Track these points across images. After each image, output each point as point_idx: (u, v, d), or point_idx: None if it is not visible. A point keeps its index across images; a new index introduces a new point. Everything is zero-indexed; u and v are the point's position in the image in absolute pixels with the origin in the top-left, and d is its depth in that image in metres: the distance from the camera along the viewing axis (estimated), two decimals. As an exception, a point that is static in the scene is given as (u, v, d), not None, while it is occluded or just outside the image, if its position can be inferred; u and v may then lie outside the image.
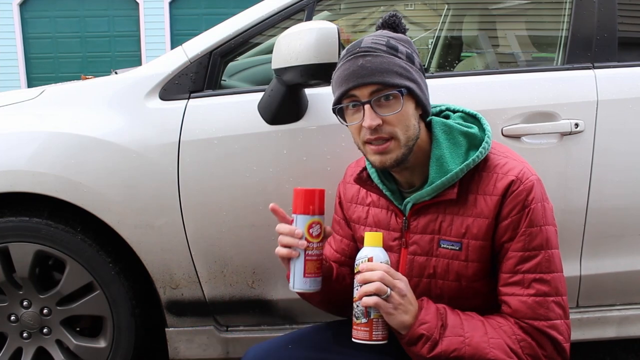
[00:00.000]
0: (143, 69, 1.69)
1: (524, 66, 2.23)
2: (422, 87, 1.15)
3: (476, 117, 1.21)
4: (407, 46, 1.15)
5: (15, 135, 1.60)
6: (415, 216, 1.18)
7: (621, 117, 1.60)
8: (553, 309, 1.09)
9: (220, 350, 1.73)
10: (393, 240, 1.21)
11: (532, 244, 1.09)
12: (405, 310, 1.07)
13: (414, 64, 1.14)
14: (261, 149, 1.55)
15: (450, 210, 1.15)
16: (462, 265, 1.15)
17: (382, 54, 1.10)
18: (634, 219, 1.65)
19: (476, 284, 1.16)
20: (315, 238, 1.15)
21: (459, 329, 1.08)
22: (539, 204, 1.10)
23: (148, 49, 10.34)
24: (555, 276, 1.10)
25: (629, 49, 1.69)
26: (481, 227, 1.12)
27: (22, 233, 1.60)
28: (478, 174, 1.14)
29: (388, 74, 1.09)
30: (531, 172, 1.13)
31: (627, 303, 1.77)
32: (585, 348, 2.14)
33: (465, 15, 2.68)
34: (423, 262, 1.18)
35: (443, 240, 1.15)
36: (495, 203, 1.11)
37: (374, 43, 1.12)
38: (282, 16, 1.63)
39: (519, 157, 1.18)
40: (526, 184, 1.10)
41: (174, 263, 1.63)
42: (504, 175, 1.11)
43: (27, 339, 1.71)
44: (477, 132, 1.16)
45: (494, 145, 1.18)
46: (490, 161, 1.15)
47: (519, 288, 1.10)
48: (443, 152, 1.14)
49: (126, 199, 1.56)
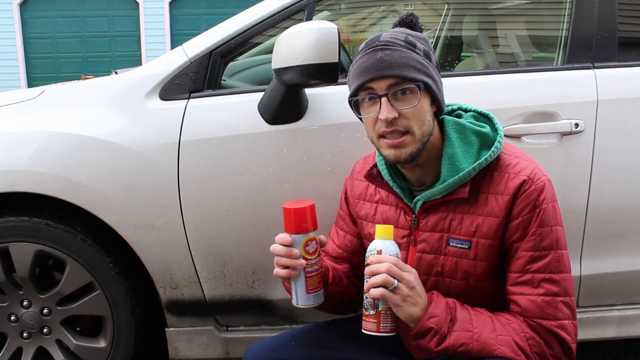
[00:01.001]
0: (143, 69, 1.69)
1: (524, 66, 2.23)
2: (438, 84, 1.17)
3: (488, 116, 1.22)
4: (424, 44, 1.16)
5: (15, 135, 1.60)
6: (425, 214, 1.19)
7: (621, 117, 1.59)
8: (562, 309, 1.10)
9: (220, 350, 1.74)
10: (402, 238, 1.21)
11: (542, 244, 1.10)
12: (414, 303, 1.07)
13: (431, 61, 1.15)
14: (261, 149, 1.55)
15: (460, 208, 1.15)
16: (470, 264, 1.15)
17: (401, 49, 1.12)
18: (634, 219, 1.65)
19: (483, 282, 1.17)
20: (312, 255, 1.14)
21: (467, 324, 1.08)
22: (549, 204, 1.11)
23: (148, 49, 10.34)
24: (565, 276, 1.11)
25: (629, 49, 1.69)
26: (491, 226, 1.13)
27: (22, 233, 1.60)
28: (489, 173, 1.15)
29: (407, 68, 1.11)
30: (542, 173, 1.14)
31: (627, 303, 1.77)
32: (586, 348, 2.14)
33: (465, 15, 2.68)
34: (431, 260, 1.18)
35: (452, 239, 1.16)
36: (506, 202, 1.12)
37: (393, 38, 1.13)
38: (282, 16, 1.63)
39: (530, 157, 1.19)
40: (538, 184, 1.11)
41: (174, 263, 1.63)
42: (516, 175, 1.12)
43: (27, 339, 1.71)
44: (489, 132, 1.17)
45: (505, 145, 1.19)
46: (502, 161, 1.15)
47: (528, 287, 1.11)
48: (455, 150, 1.15)
49: (126, 199, 1.56)
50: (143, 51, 10.43)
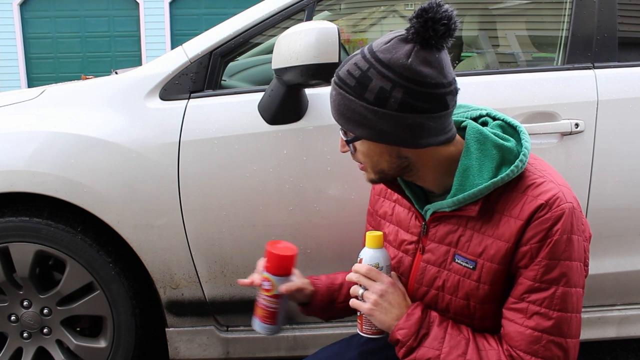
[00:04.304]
0: (143, 69, 1.69)
1: (524, 66, 2.23)
2: (390, 132, 1.01)
3: (517, 128, 1.09)
4: (393, 76, 0.97)
5: (15, 135, 1.60)
6: (435, 223, 1.12)
7: (621, 117, 1.59)
8: (550, 348, 1.00)
9: (221, 350, 1.74)
10: (410, 244, 1.17)
11: (545, 277, 1.00)
12: (385, 312, 1.08)
13: (385, 104, 0.98)
14: (261, 149, 1.55)
15: (471, 225, 1.07)
16: (473, 285, 1.07)
17: (346, 92, 1.01)
18: (634, 219, 1.65)
19: (486, 306, 1.09)
20: (265, 291, 1.22)
21: (438, 343, 1.06)
22: (564, 235, 0.99)
23: (148, 49, 10.35)
24: (564, 316, 1.00)
25: (629, 49, 1.69)
26: (499, 250, 1.03)
27: (22, 233, 1.60)
28: (509, 192, 1.03)
29: (342, 118, 1.04)
30: (566, 199, 1.00)
31: (627, 303, 1.77)
32: (586, 348, 2.14)
33: (465, 15, 2.68)
34: (434, 273, 1.12)
35: (458, 255, 1.08)
36: (518, 227, 1.01)
37: (348, 73, 1.01)
38: (282, 16, 1.63)
39: (560, 177, 1.06)
40: (555, 212, 0.99)
41: (174, 263, 1.63)
42: (534, 198, 1.00)
43: (27, 339, 1.71)
44: (514, 147, 1.05)
45: (533, 162, 1.07)
46: (525, 180, 1.03)
47: (520, 316, 1.02)
48: (472, 163, 1.04)
49: (126, 199, 1.56)
50: (143, 51, 10.43)
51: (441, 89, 0.99)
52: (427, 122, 1.00)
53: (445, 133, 1.04)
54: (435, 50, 0.98)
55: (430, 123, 1.01)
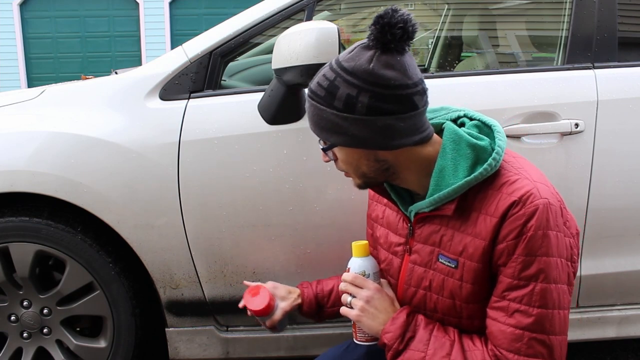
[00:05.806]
0: (143, 69, 1.69)
1: (524, 66, 2.23)
2: (363, 137, 1.03)
3: (491, 127, 1.10)
4: (357, 82, 1.00)
5: (15, 135, 1.60)
6: (420, 224, 1.13)
7: (621, 117, 1.59)
8: (532, 346, 1.00)
9: (221, 350, 1.74)
10: (398, 245, 1.19)
11: (522, 273, 1.00)
12: (372, 317, 1.12)
13: (354, 110, 1.01)
14: (261, 149, 1.55)
15: (452, 224, 1.08)
16: (456, 284, 1.08)
17: (317, 104, 1.05)
18: (634, 219, 1.65)
19: (472, 305, 1.09)
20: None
21: (423, 345, 1.07)
22: (539, 231, 0.99)
23: (148, 49, 10.35)
24: (545, 313, 1.00)
25: (629, 49, 1.69)
26: (477, 248, 1.04)
27: (22, 233, 1.60)
28: (485, 190, 1.05)
29: (317, 128, 1.08)
30: (540, 195, 1.00)
31: (627, 303, 1.77)
32: (586, 348, 2.14)
33: (466, 15, 2.68)
34: (421, 274, 1.14)
35: (442, 255, 1.10)
36: (494, 225, 1.02)
37: (318, 85, 1.05)
38: (282, 16, 1.63)
39: (537, 173, 1.07)
40: (528, 208, 0.99)
41: (174, 263, 1.63)
42: (508, 195, 1.01)
43: (27, 339, 1.71)
44: (488, 146, 1.06)
45: (510, 160, 1.08)
46: (501, 177, 1.04)
47: (502, 314, 1.03)
48: (447, 163, 1.06)
49: (126, 199, 1.56)
50: (143, 51, 10.43)
51: (406, 90, 1.01)
52: (397, 123, 1.02)
53: (419, 133, 1.06)
54: (397, 54, 1.00)
55: (401, 124, 1.02)
